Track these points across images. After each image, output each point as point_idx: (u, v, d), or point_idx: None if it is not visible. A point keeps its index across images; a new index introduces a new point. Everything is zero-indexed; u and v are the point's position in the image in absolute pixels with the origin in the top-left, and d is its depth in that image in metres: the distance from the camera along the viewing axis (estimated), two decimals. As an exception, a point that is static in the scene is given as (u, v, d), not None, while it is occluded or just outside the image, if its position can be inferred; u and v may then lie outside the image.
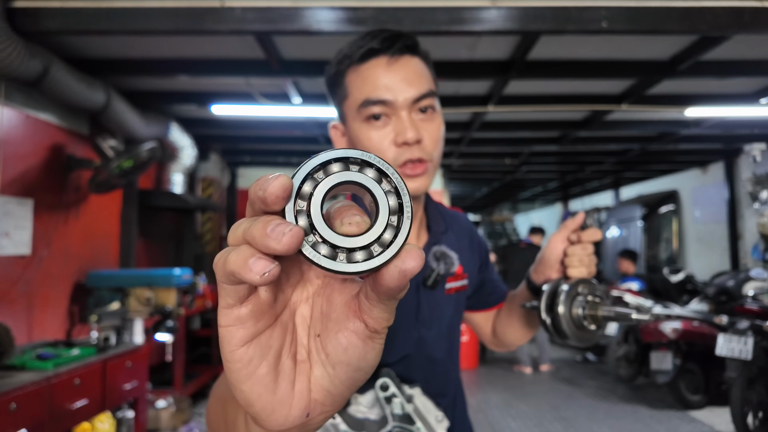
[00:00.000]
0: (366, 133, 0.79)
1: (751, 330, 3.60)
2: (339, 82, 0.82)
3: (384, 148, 0.78)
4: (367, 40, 0.78)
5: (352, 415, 0.85)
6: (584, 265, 0.83)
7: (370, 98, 0.77)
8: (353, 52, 0.79)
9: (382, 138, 0.78)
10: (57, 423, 2.22)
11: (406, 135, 0.76)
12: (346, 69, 0.80)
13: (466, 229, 1.01)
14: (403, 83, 0.77)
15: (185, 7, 2.49)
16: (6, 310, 2.87)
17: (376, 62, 0.78)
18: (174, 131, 4.39)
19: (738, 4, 2.45)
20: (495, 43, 3.12)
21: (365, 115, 0.78)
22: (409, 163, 0.79)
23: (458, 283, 0.92)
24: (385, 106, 0.77)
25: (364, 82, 0.78)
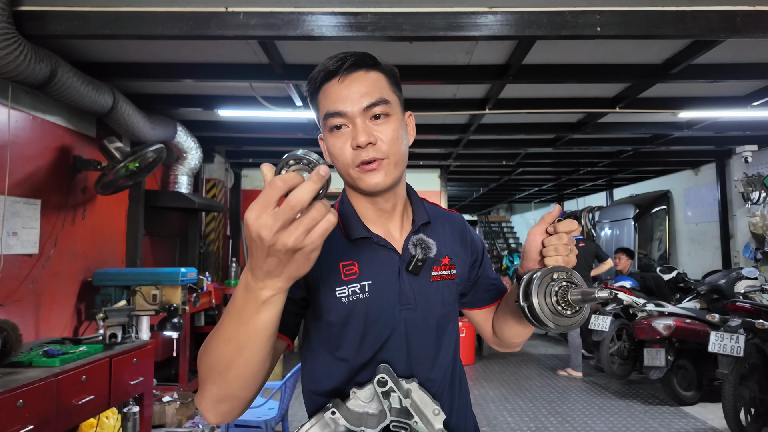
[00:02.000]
0: (331, 140, 0.92)
1: (743, 327, 3.67)
2: (313, 102, 0.95)
3: (345, 153, 0.90)
4: (326, 63, 0.91)
5: (351, 410, 0.86)
6: (559, 254, 0.87)
7: (329, 111, 0.89)
8: (317, 75, 0.92)
9: (343, 143, 0.90)
10: (64, 419, 2.22)
11: (359, 139, 0.88)
12: (316, 89, 0.93)
13: (458, 227, 1.09)
14: (355, 95, 0.89)
15: (190, 11, 2.53)
16: (14, 308, 2.92)
17: (333, 82, 0.91)
18: (180, 133, 4.45)
19: (730, 8, 2.49)
20: (492, 48, 3.18)
21: (329, 126, 0.90)
22: (362, 164, 0.90)
23: (444, 272, 1.00)
24: (342, 117, 0.89)
25: (326, 99, 0.91)
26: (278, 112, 4.15)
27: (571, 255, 0.89)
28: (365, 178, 0.90)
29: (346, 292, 0.92)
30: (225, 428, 3.02)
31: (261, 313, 0.65)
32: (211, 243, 5.86)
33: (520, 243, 15.95)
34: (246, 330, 0.67)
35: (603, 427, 3.98)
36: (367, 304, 0.92)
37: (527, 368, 5.86)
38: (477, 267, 1.10)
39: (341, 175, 0.95)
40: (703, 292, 5.27)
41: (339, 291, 0.92)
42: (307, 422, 0.86)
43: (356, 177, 0.91)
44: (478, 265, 1.10)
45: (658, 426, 3.98)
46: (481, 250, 1.12)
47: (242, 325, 0.66)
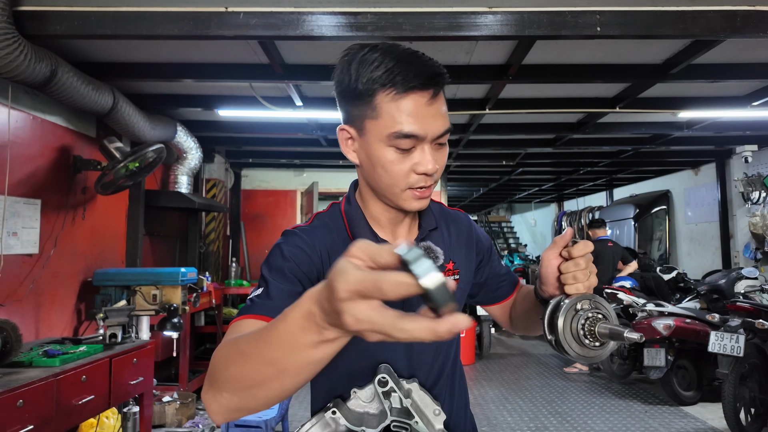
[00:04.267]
0: (390, 156, 0.84)
1: (743, 327, 3.67)
2: (365, 99, 0.83)
3: (404, 173, 0.84)
4: (408, 72, 0.79)
5: (352, 409, 0.87)
6: (579, 281, 0.82)
7: (403, 132, 0.81)
8: (392, 80, 0.79)
9: (404, 164, 0.84)
10: (64, 419, 2.22)
11: (427, 167, 0.83)
12: (378, 90, 0.81)
13: (464, 228, 1.06)
14: (434, 121, 0.82)
15: (190, 11, 2.53)
16: (14, 308, 2.92)
17: (417, 98, 0.80)
18: (180, 133, 4.45)
19: (730, 8, 2.49)
20: (492, 48, 3.18)
21: (396, 144, 0.82)
22: (418, 189, 0.86)
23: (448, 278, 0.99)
24: (416, 140, 0.82)
25: (400, 114, 0.80)
26: (278, 112, 4.15)
27: (592, 278, 0.83)
28: (414, 202, 0.88)
29: None
30: (225, 428, 3.02)
31: (319, 349, 0.58)
32: (211, 243, 5.86)
33: (520, 243, 15.95)
34: (296, 359, 0.59)
35: (603, 427, 3.98)
36: None
37: (527, 368, 5.87)
38: (484, 266, 1.09)
39: (375, 187, 0.90)
40: (703, 292, 5.26)
41: None
42: (307, 422, 0.87)
43: (403, 198, 0.87)
44: (485, 264, 1.09)
45: (658, 426, 3.98)
46: (488, 249, 1.10)
47: (293, 354, 0.59)
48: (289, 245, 0.89)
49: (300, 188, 7.04)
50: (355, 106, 0.85)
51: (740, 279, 5.19)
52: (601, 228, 5.92)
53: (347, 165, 6.90)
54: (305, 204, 6.68)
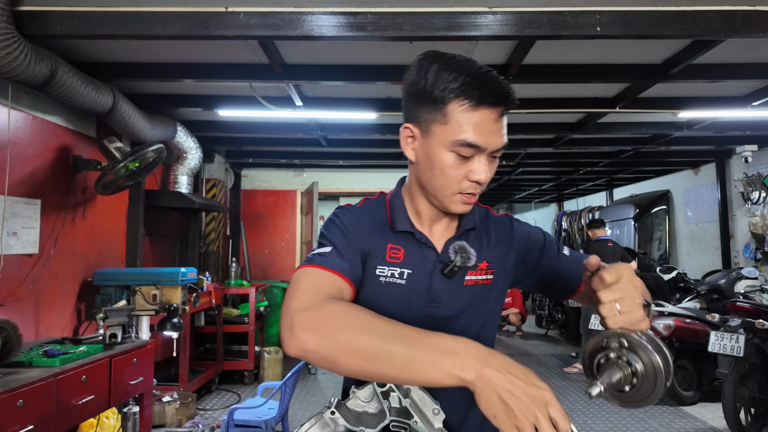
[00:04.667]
0: (449, 161, 0.89)
1: (743, 327, 3.68)
2: (437, 106, 0.87)
3: (458, 178, 0.90)
4: (485, 89, 0.84)
5: (351, 409, 0.87)
6: (617, 314, 0.74)
7: (468, 141, 0.86)
8: (468, 93, 0.84)
9: (460, 170, 0.89)
10: (64, 419, 2.22)
11: (481, 176, 0.89)
12: (452, 100, 0.85)
13: (505, 230, 1.08)
14: (496, 136, 0.87)
15: (190, 11, 2.53)
16: (14, 308, 2.92)
17: (486, 113, 0.85)
18: (180, 133, 4.45)
19: (730, 8, 2.49)
20: (492, 48, 3.18)
21: (457, 151, 0.87)
22: (467, 195, 0.92)
23: (480, 276, 1.01)
24: (476, 150, 0.87)
25: (468, 125, 0.85)
26: (278, 112, 4.16)
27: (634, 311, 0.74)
28: (460, 206, 0.94)
29: (386, 272, 0.97)
30: (225, 428, 3.02)
31: (444, 382, 0.68)
32: (211, 243, 5.86)
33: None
34: (413, 378, 0.69)
35: (603, 427, 3.98)
36: (399, 291, 0.96)
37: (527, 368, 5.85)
38: (541, 263, 1.08)
39: (427, 186, 0.95)
40: (703, 292, 5.27)
41: (379, 269, 0.96)
42: (306, 422, 0.87)
43: (451, 201, 0.93)
44: (542, 261, 1.08)
45: (658, 426, 3.98)
46: (541, 247, 1.09)
47: (415, 374, 0.68)
48: (347, 218, 0.98)
49: (300, 188, 7.04)
50: (424, 109, 0.89)
51: (740, 279, 5.19)
52: (601, 228, 5.92)
53: (347, 165, 6.91)
54: (305, 204, 6.68)
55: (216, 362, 5.03)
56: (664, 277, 5.82)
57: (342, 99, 4.24)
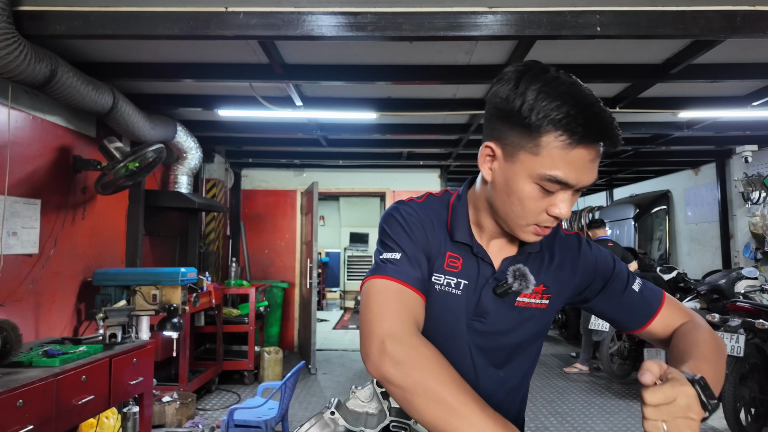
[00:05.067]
0: (531, 193, 0.82)
1: (743, 327, 3.67)
2: (531, 132, 0.79)
3: (537, 211, 0.84)
4: (591, 127, 0.76)
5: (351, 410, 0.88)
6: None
7: (558, 178, 0.79)
8: (571, 129, 0.76)
9: (541, 203, 0.83)
10: (63, 419, 2.22)
11: (562, 212, 0.83)
12: (550, 131, 0.77)
13: (571, 252, 1.01)
14: (589, 174, 0.81)
15: (190, 11, 2.53)
16: (14, 308, 2.92)
17: (586, 152, 0.78)
18: (179, 133, 4.45)
19: (730, 8, 2.48)
20: (492, 48, 3.18)
21: (541, 183, 0.81)
22: (541, 227, 0.87)
23: (534, 299, 0.96)
24: (563, 186, 0.81)
25: (563, 162, 0.78)
26: (278, 112, 4.16)
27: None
28: (531, 236, 0.89)
29: (442, 281, 0.93)
30: (225, 428, 3.02)
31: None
32: (211, 243, 5.86)
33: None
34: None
35: (603, 427, 3.98)
36: (454, 301, 0.93)
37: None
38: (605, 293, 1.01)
39: (500, 211, 0.89)
40: (703, 292, 5.26)
41: (436, 276, 0.93)
42: (306, 422, 0.87)
43: (523, 230, 0.87)
44: (605, 291, 1.01)
45: (658, 426, 3.97)
46: (609, 277, 1.01)
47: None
48: (411, 216, 0.93)
49: (300, 188, 7.04)
50: (513, 132, 0.81)
51: (740, 279, 5.19)
52: (601, 228, 5.91)
53: (347, 165, 6.90)
54: (305, 204, 6.68)
55: (216, 362, 5.03)
56: (665, 277, 5.82)
57: (342, 99, 4.23)
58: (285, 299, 6.73)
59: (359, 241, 12.11)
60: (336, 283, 12.08)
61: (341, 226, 12.29)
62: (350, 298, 11.72)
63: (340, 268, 12.11)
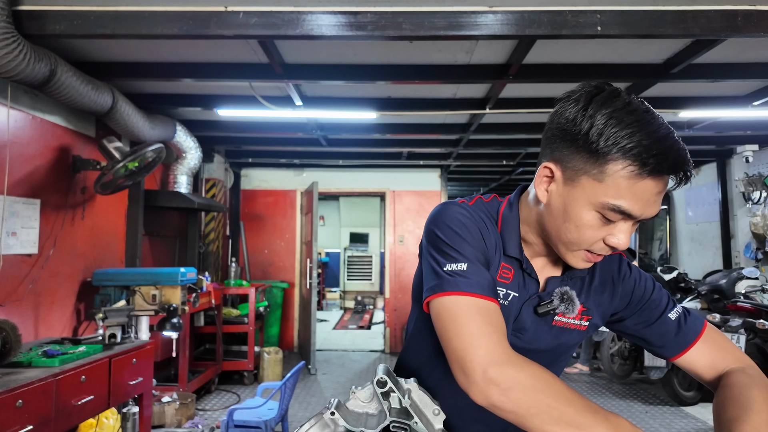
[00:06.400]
0: (590, 221, 0.80)
1: (744, 327, 3.67)
2: (597, 158, 0.76)
3: (594, 240, 0.81)
4: (665, 160, 0.73)
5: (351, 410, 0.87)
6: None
7: (622, 209, 0.76)
8: (643, 161, 0.73)
9: (599, 232, 0.80)
10: (63, 419, 2.22)
11: (620, 243, 0.80)
12: (618, 159, 0.74)
13: (611, 273, 0.99)
14: (654, 206, 0.77)
15: (190, 11, 2.53)
16: (13, 308, 2.91)
17: (654, 184, 0.75)
18: (179, 133, 4.45)
19: (731, 7, 2.48)
20: (492, 48, 3.17)
21: (603, 211, 0.78)
22: (593, 255, 0.84)
23: (573, 321, 0.95)
24: (625, 216, 0.78)
25: (630, 191, 0.75)
26: (278, 112, 4.15)
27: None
28: (581, 263, 0.86)
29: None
30: (224, 428, 3.01)
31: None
32: (211, 243, 5.86)
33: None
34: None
35: (603, 427, 3.97)
36: (503, 313, 0.90)
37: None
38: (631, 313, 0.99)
39: (552, 234, 0.86)
40: (704, 292, 5.26)
41: None
42: (306, 422, 0.86)
43: (573, 255, 0.85)
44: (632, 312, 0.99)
45: (659, 426, 3.98)
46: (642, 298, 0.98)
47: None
48: (468, 220, 0.88)
49: (300, 188, 7.03)
50: (577, 156, 0.79)
51: (741, 279, 5.19)
52: None
53: (347, 165, 6.90)
54: (305, 204, 6.68)
55: (215, 362, 5.03)
56: (665, 277, 5.81)
57: (342, 99, 4.23)
58: (285, 299, 6.73)
59: (359, 241, 12.11)
60: (336, 283, 12.08)
61: (341, 226, 12.29)
62: (350, 298, 11.71)
63: (340, 268, 12.11)
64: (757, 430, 0.74)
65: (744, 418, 0.76)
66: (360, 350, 7.00)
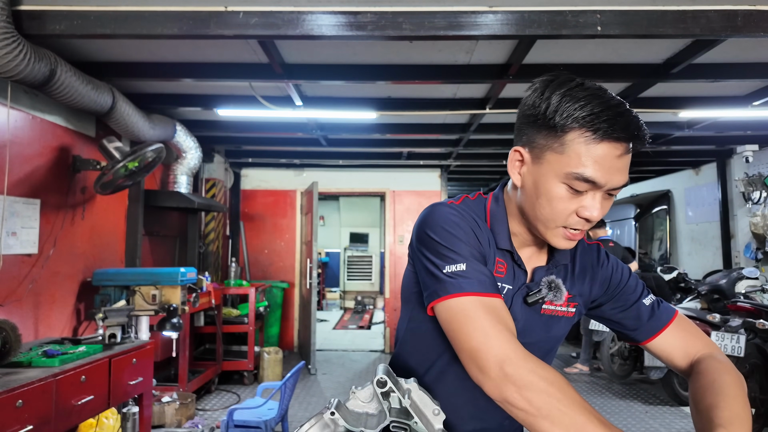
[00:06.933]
0: (560, 193, 0.84)
1: (744, 328, 3.67)
2: (556, 133, 0.82)
3: (566, 213, 0.85)
4: (616, 123, 0.78)
5: (351, 410, 0.87)
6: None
7: (584, 176, 0.80)
8: (594, 125, 0.78)
9: (570, 204, 0.84)
10: (63, 419, 2.22)
11: (593, 213, 0.84)
12: (575, 129, 0.80)
13: (591, 262, 1.04)
14: (618, 174, 0.82)
15: (190, 11, 2.53)
16: (13, 308, 2.91)
17: (611, 148, 0.80)
18: (179, 133, 4.45)
19: (731, 7, 2.48)
20: (492, 48, 3.17)
21: (569, 182, 0.82)
22: (572, 230, 0.87)
23: (560, 308, 0.99)
24: (591, 185, 0.82)
25: (588, 159, 0.80)
26: (278, 112, 4.15)
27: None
28: (562, 241, 0.89)
29: None
30: (224, 428, 3.01)
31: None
32: (211, 243, 5.86)
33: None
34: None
35: (603, 427, 3.96)
36: None
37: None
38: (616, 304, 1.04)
39: (530, 214, 0.90)
40: (704, 292, 5.26)
41: None
42: (306, 422, 0.86)
43: (553, 234, 0.88)
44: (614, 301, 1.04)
45: (659, 426, 3.98)
46: (621, 288, 1.04)
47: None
48: (460, 220, 0.90)
49: (300, 188, 7.03)
50: (540, 135, 0.85)
51: (741, 279, 5.18)
52: (602, 228, 5.90)
53: (347, 165, 6.90)
54: (305, 204, 6.68)
55: (215, 362, 5.03)
56: (665, 277, 5.81)
57: (342, 99, 4.23)
58: (285, 299, 6.73)
59: (359, 241, 12.11)
60: (336, 283, 12.08)
61: (341, 226, 12.29)
62: (350, 298, 11.71)
63: (340, 268, 12.11)
64: (735, 415, 0.77)
65: (722, 405, 0.79)
66: (360, 350, 7.00)
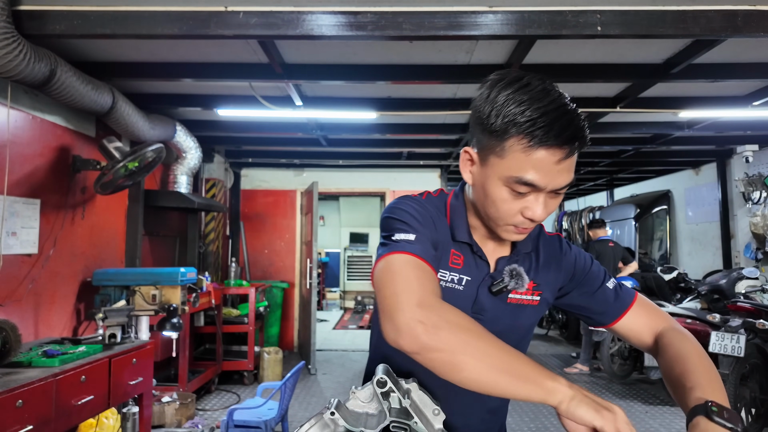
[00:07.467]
0: (503, 195, 0.86)
1: (744, 327, 3.67)
2: (497, 137, 0.82)
3: (511, 213, 0.87)
4: (550, 129, 0.78)
5: (351, 410, 0.87)
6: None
7: (524, 180, 0.82)
8: (530, 132, 0.79)
9: (514, 205, 0.86)
10: (63, 419, 2.22)
11: (536, 214, 0.85)
12: (513, 135, 0.80)
13: (555, 252, 1.06)
14: (559, 176, 0.82)
15: (190, 11, 2.53)
16: (13, 308, 2.91)
17: (548, 155, 0.80)
18: (179, 133, 4.45)
19: (731, 7, 2.48)
20: (492, 48, 3.17)
21: (513, 187, 0.84)
22: (519, 228, 0.89)
23: (525, 296, 1.01)
24: (532, 188, 0.83)
25: (527, 164, 0.81)
26: (278, 112, 4.15)
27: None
28: (513, 235, 0.92)
29: (447, 277, 0.97)
30: (224, 428, 3.01)
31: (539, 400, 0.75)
32: (211, 243, 5.86)
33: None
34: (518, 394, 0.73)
35: (603, 427, 3.96)
36: (457, 297, 0.96)
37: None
38: (581, 289, 1.07)
39: (481, 212, 0.93)
40: (704, 292, 5.26)
41: (441, 273, 0.96)
42: (306, 422, 0.86)
43: (503, 230, 0.91)
44: (580, 288, 1.07)
45: (659, 426, 3.98)
46: (585, 274, 1.07)
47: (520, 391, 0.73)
48: (419, 207, 0.93)
49: (300, 188, 7.04)
50: (484, 137, 0.86)
51: (741, 279, 5.18)
52: (602, 228, 5.91)
53: (347, 165, 6.90)
54: (305, 204, 6.68)
55: (215, 362, 5.03)
56: (665, 277, 5.81)
57: (342, 99, 4.23)
58: (285, 299, 6.73)
59: (359, 241, 12.11)
60: (336, 283, 12.07)
61: (341, 226, 12.29)
62: (350, 298, 11.71)
63: (340, 268, 12.11)
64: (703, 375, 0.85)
65: (690, 369, 0.87)
66: (360, 350, 7.00)
